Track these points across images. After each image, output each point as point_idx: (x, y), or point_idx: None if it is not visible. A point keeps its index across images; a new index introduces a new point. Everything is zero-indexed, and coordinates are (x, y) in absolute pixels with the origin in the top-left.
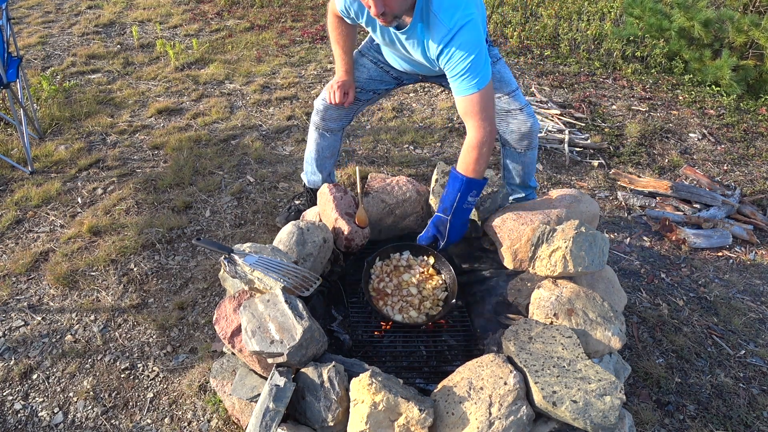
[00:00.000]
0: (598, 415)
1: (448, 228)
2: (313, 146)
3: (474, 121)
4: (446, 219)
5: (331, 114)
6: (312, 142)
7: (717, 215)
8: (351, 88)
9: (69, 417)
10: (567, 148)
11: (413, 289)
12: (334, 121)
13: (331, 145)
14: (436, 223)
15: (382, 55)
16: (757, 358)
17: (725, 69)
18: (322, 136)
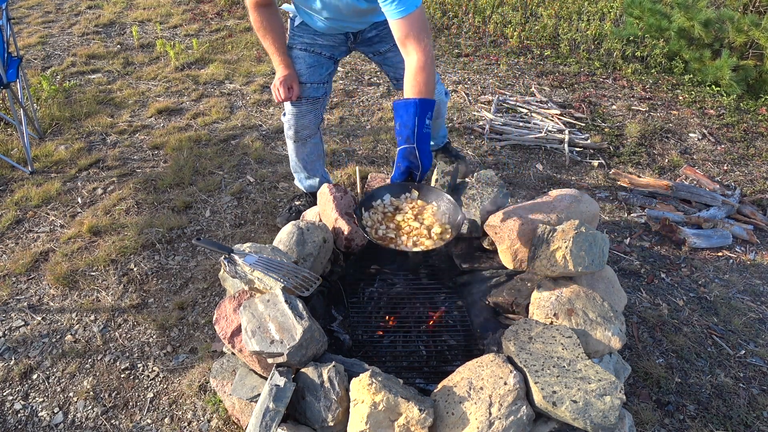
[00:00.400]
0: (598, 415)
1: (418, 155)
2: (296, 156)
3: (414, 42)
4: (413, 147)
5: (301, 123)
6: (293, 153)
7: (717, 215)
8: (294, 81)
9: (69, 417)
10: (567, 148)
11: (414, 223)
12: (307, 128)
13: (314, 149)
14: (405, 155)
15: (308, 34)
16: (757, 358)
17: (725, 69)
18: (302, 145)
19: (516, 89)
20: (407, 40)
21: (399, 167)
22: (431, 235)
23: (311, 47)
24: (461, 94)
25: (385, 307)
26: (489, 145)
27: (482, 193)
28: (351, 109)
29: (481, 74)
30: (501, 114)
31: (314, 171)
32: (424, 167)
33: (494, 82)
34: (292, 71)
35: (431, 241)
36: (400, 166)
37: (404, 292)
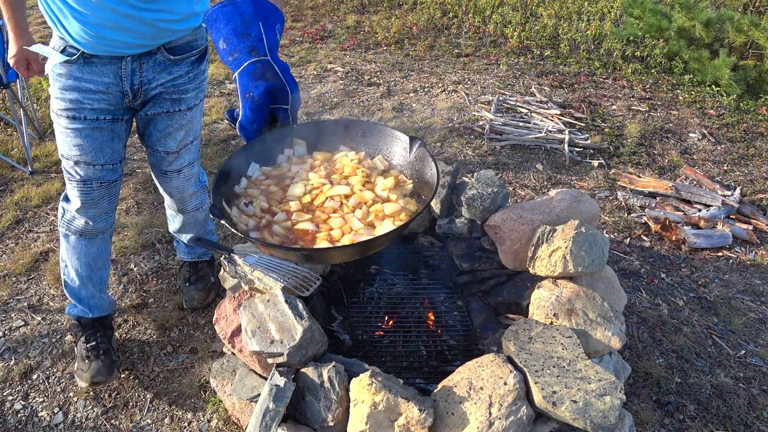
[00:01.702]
0: (598, 415)
1: (279, 71)
2: (76, 261)
3: None
4: (267, 60)
5: (93, 211)
6: (72, 256)
7: (717, 215)
8: (29, 57)
9: (69, 417)
10: (567, 148)
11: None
12: (102, 218)
13: (103, 249)
14: (256, 74)
15: (71, 90)
16: (757, 358)
17: (724, 69)
18: (89, 242)
19: (516, 89)
20: None
21: (249, 98)
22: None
23: (80, 112)
24: (461, 94)
25: (385, 307)
26: (489, 145)
27: (482, 193)
28: (351, 109)
29: (481, 74)
30: (501, 114)
31: (100, 284)
32: (292, 89)
33: (494, 82)
34: (21, 43)
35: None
36: (250, 95)
37: (404, 292)
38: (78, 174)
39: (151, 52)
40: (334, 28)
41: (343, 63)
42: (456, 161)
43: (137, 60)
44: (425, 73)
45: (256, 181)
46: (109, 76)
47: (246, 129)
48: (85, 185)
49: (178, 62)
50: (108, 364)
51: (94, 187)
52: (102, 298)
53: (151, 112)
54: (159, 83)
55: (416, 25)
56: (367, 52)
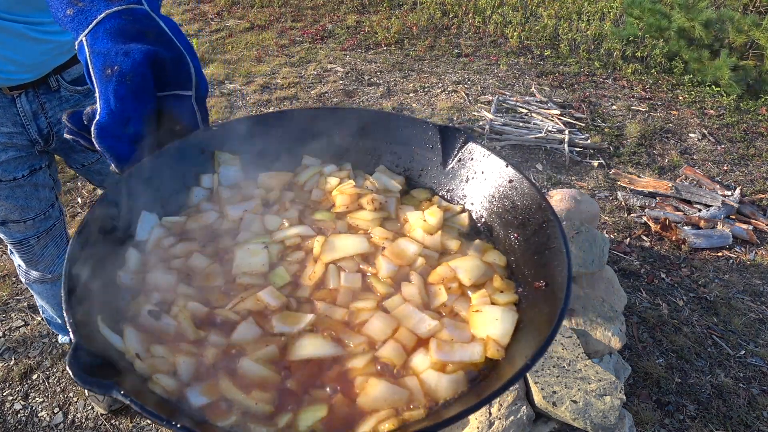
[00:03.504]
0: (598, 415)
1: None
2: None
3: None
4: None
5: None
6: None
7: (717, 215)
8: None
9: (69, 417)
10: (567, 148)
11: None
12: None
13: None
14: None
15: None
16: (757, 358)
17: (724, 69)
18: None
19: (516, 89)
20: None
21: (114, 74)
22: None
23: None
24: (461, 94)
25: None
26: (489, 145)
27: None
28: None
29: (481, 74)
30: (501, 114)
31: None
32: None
33: (494, 82)
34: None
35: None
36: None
37: None
38: (9, 235)
39: (51, 89)
40: (334, 28)
41: (343, 63)
42: None
43: (34, 99)
44: (425, 73)
45: (157, 250)
46: (6, 125)
47: (113, 136)
48: (22, 245)
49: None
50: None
51: (32, 243)
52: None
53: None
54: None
55: (416, 25)
56: (367, 52)
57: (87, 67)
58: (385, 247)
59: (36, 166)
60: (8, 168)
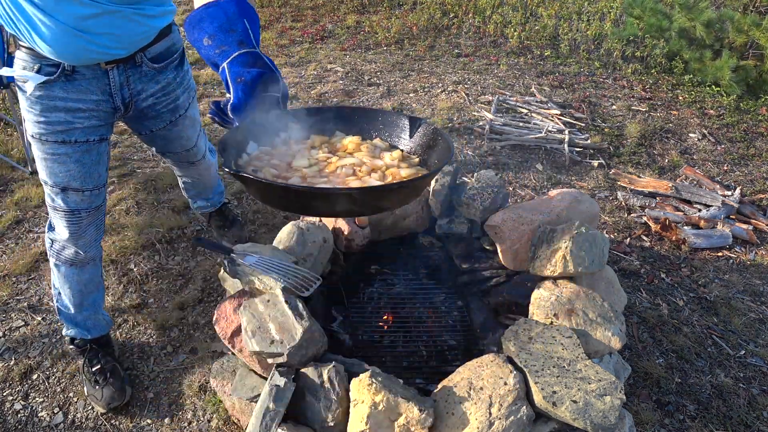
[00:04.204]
0: (598, 415)
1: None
2: (69, 288)
3: None
4: (256, 51)
5: (82, 241)
6: (64, 283)
7: (717, 215)
8: None
9: (69, 417)
10: (567, 148)
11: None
12: (91, 246)
13: (94, 274)
14: (247, 63)
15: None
16: (757, 358)
17: (725, 69)
18: (80, 269)
19: (516, 89)
20: None
21: (241, 83)
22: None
23: (70, 134)
24: (461, 94)
25: (385, 307)
26: (489, 145)
27: (482, 193)
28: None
29: (481, 74)
30: (501, 114)
31: (95, 306)
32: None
33: (494, 82)
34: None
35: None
36: (242, 80)
37: (404, 292)
38: (65, 203)
39: (135, 63)
40: (334, 28)
41: (343, 63)
42: (456, 161)
43: (123, 73)
44: (425, 73)
45: (257, 156)
46: (96, 93)
47: (238, 109)
48: (73, 215)
49: (163, 70)
50: (119, 387)
51: (83, 216)
52: (99, 319)
53: (155, 128)
54: (149, 94)
55: (416, 25)
56: (367, 52)
57: (226, 79)
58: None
59: (105, 135)
60: (85, 132)
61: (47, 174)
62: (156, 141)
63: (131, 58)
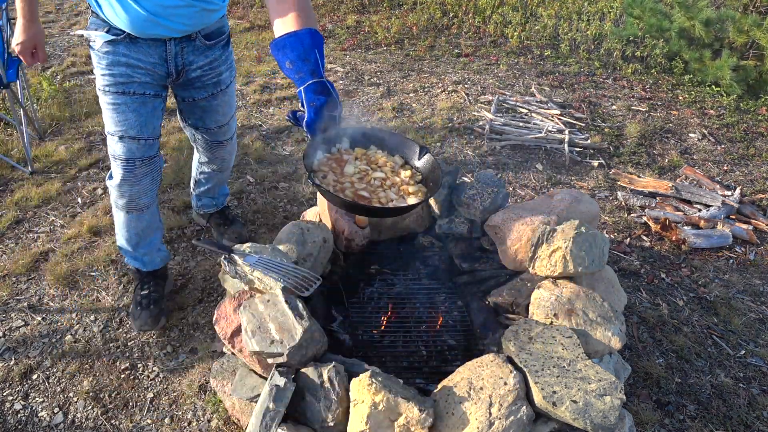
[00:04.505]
0: (598, 415)
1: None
2: (128, 231)
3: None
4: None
5: (137, 190)
6: (124, 227)
7: (717, 215)
8: (38, 43)
9: (69, 417)
10: (567, 148)
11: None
12: (145, 194)
13: (152, 220)
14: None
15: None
16: (757, 358)
17: (725, 69)
18: (138, 216)
19: (516, 89)
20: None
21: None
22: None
23: (129, 86)
24: (461, 94)
25: (385, 307)
26: (489, 145)
27: (482, 193)
28: (351, 109)
29: (481, 74)
30: (501, 114)
31: (151, 246)
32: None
33: (494, 82)
34: (34, 29)
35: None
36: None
37: (404, 292)
38: (122, 151)
39: (190, 38)
40: (334, 28)
41: (343, 63)
42: (456, 161)
43: (179, 44)
44: (425, 73)
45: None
46: (154, 57)
47: (311, 127)
48: (128, 164)
49: (212, 47)
50: (155, 315)
51: (137, 165)
52: (154, 256)
53: (198, 97)
54: (198, 66)
55: (416, 25)
56: (367, 52)
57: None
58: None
59: (159, 93)
60: (142, 85)
61: (110, 123)
62: (195, 111)
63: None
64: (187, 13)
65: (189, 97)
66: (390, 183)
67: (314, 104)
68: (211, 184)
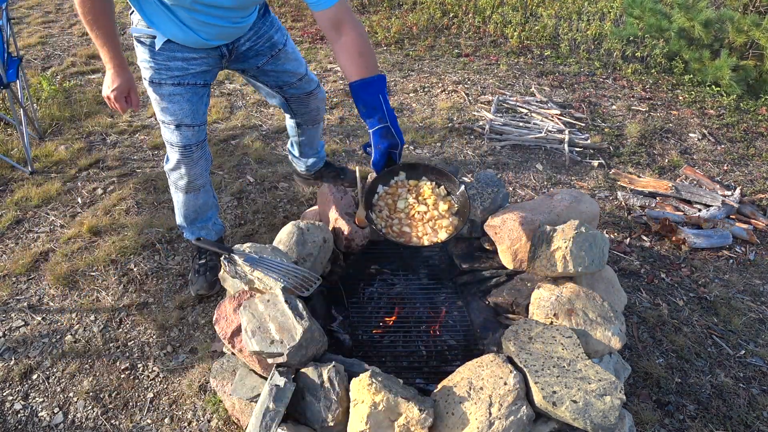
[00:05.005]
0: (598, 415)
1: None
2: (187, 209)
3: (349, 24)
4: (388, 126)
5: (194, 172)
6: (184, 205)
7: (717, 215)
8: (132, 88)
9: (69, 417)
10: (567, 148)
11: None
12: (201, 176)
13: (207, 197)
14: (382, 135)
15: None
16: (757, 358)
17: (725, 69)
18: (195, 195)
19: (516, 89)
20: (340, 25)
21: (379, 149)
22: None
23: (184, 78)
24: (461, 94)
25: (385, 307)
26: (489, 145)
27: (482, 193)
28: (351, 109)
29: (481, 74)
30: (501, 114)
31: (207, 221)
32: (401, 143)
33: (494, 82)
34: (127, 74)
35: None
36: (379, 147)
37: (404, 292)
38: (179, 138)
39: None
40: None
41: None
42: (456, 161)
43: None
44: (425, 73)
45: (382, 195)
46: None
47: (376, 167)
48: (186, 149)
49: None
50: (211, 281)
51: (193, 149)
52: (210, 229)
53: (259, 64)
54: (245, 39)
55: (416, 25)
56: None
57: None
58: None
59: (208, 81)
60: (195, 76)
61: (165, 113)
62: (269, 75)
63: None
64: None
65: (251, 67)
66: (429, 216)
67: (380, 147)
68: (312, 140)
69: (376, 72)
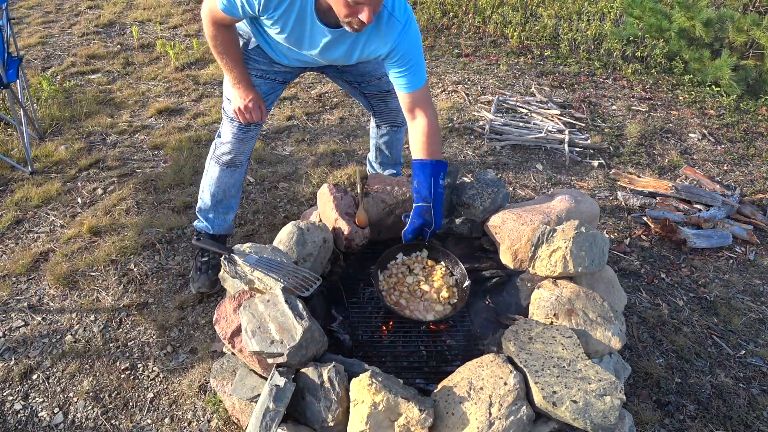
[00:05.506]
0: (598, 415)
1: (433, 214)
2: (215, 187)
3: (425, 109)
4: (429, 206)
5: (243, 148)
6: (216, 182)
7: (717, 215)
8: (261, 101)
9: (69, 417)
10: (567, 148)
11: (425, 286)
12: (244, 154)
13: (239, 179)
14: (421, 213)
15: (264, 62)
16: (757, 358)
17: (725, 69)
18: (232, 172)
19: (516, 89)
20: (416, 108)
21: (414, 223)
22: (440, 299)
23: (267, 74)
24: (461, 94)
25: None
26: (489, 145)
27: (482, 193)
28: (351, 109)
29: (481, 74)
30: (501, 114)
31: (230, 207)
32: (436, 225)
33: (494, 82)
34: (255, 90)
35: (441, 306)
36: (415, 222)
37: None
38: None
39: None
40: None
41: None
42: (456, 161)
43: None
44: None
45: (399, 263)
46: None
47: (406, 238)
48: (247, 126)
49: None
50: (213, 279)
51: (252, 127)
52: (224, 221)
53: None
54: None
55: None
56: None
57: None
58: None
59: (288, 80)
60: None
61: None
62: (353, 74)
63: None
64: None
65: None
66: (427, 297)
67: (415, 222)
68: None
69: (438, 157)
